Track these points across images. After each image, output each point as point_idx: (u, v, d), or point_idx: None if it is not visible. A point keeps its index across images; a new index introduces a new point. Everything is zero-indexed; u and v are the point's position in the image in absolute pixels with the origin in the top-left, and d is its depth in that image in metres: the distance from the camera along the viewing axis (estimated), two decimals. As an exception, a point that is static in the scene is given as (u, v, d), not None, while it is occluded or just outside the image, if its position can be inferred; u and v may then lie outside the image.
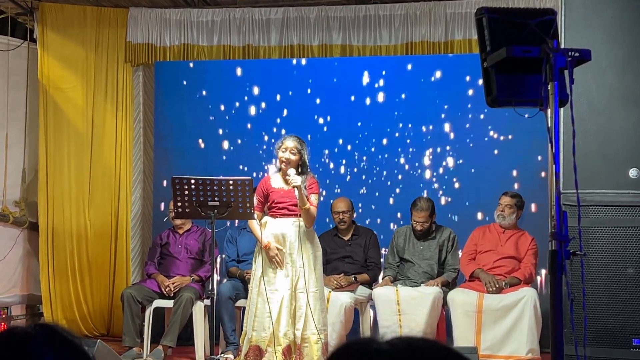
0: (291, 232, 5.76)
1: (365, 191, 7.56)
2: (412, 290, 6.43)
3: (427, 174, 7.48)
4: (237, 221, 7.18)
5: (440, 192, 7.41)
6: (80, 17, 7.99)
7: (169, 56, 7.99)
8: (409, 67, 7.60)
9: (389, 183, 7.54)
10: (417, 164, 7.51)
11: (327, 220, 7.14)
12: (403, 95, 7.56)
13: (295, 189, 5.66)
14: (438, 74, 7.52)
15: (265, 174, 6.76)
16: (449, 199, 7.40)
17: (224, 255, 7.20)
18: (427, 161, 7.49)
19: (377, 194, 7.55)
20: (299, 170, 5.77)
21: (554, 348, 3.03)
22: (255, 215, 5.85)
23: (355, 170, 7.60)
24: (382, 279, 6.82)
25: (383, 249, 7.08)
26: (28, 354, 1.32)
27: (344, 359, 1.18)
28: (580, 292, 4.26)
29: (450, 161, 7.45)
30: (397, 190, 7.52)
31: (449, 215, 7.32)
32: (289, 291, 5.70)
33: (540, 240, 6.44)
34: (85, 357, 1.36)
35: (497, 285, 6.21)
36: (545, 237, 6.23)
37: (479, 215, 7.28)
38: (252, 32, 7.90)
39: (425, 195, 7.10)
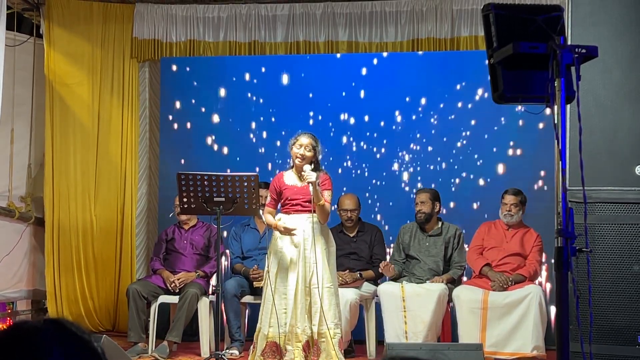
0: (305, 228, 5.77)
1: (370, 188, 7.56)
2: (418, 287, 6.42)
3: (431, 169, 7.48)
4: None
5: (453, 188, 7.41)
6: (86, 13, 7.99)
7: (175, 52, 8.00)
8: (415, 63, 7.60)
9: (394, 179, 7.54)
10: (421, 160, 7.51)
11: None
12: (409, 94, 7.56)
13: (310, 184, 5.66)
14: (445, 70, 7.51)
15: (277, 171, 6.74)
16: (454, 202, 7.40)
17: (227, 252, 7.19)
18: (432, 158, 7.49)
19: (383, 190, 7.56)
20: (312, 167, 5.77)
21: (560, 345, 3.03)
22: (264, 211, 5.91)
23: (360, 166, 7.60)
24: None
25: (389, 248, 7.08)
26: (37, 349, 1.32)
27: None
28: (586, 289, 4.25)
29: (456, 158, 7.45)
30: (404, 186, 7.52)
31: (454, 211, 7.32)
32: (301, 287, 5.71)
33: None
34: (94, 352, 1.36)
35: (506, 285, 6.20)
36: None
37: (484, 213, 7.25)
38: (258, 28, 7.90)
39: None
